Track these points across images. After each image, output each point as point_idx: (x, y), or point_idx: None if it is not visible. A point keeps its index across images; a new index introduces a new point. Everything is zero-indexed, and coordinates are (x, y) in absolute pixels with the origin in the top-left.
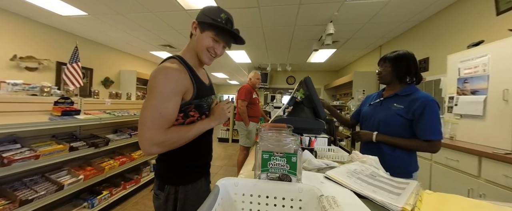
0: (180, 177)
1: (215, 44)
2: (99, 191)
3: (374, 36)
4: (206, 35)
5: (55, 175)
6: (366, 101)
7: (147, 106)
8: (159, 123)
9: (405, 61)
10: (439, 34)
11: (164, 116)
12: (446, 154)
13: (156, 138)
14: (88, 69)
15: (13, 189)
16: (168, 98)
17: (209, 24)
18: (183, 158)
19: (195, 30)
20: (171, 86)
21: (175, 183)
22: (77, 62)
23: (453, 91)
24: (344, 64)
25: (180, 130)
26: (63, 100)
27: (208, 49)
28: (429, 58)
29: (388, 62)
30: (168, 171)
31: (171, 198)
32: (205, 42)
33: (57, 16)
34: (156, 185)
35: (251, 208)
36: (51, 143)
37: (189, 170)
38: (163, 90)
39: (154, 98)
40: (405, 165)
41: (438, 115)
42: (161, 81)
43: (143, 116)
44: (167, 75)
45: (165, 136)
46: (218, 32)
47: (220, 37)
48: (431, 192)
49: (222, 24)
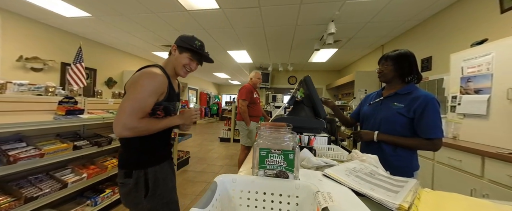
0: (148, 160)
1: (190, 62)
2: (102, 190)
3: (376, 36)
4: (184, 56)
5: (59, 173)
6: (366, 101)
7: (130, 97)
8: (136, 112)
9: (407, 60)
10: (442, 32)
11: (142, 108)
12: (448, 153)
13: (131, 124)
14: (92, 70)
15: (19, 187)
16: (149, 95)
17: (186, 48)
18: (150, 144)
19: (175, 51)
20: (154, 86)
21: (143, 166)
22: (81, 62)
23: (456, 90)
24: (346, 63)
25: (150, 121)
26: (67, 100)
27: (184, 65)
28: (432, 57)
29: (390, 61)
30: (138, 156)
31: (142, 180)
32: (183, 61)
33: (61, 18)
34: (121, 175)
35: (248, 204)
36: (56, 142)
37: (154, 154)
38: (147, 88)
39: (139, 92)
40: (407, 165)
41: (439, 113)
42: (147, 81)
43: (124, 104)
44: (153, 77)
45: (138, 123)
46: (193, 54)
47: (194, 58)
48: (430, 190)
49: (197, 49)
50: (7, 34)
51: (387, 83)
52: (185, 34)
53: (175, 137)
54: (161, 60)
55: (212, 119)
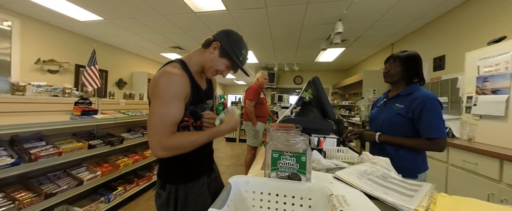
0: (180, 176)
1: (224, 70)
2: (114, 187)
3: (386, 34)
4: (222, 62)
5: (75, 170)
6: (375, 104)
7: (152, 112)
8: (162, 128)
9: (416, 62)
10: (456, 30)
11: (167, 121)
12: (463, 156)
13: (160, 143)
14: (104, 71)
15: (39, 183)
16: (171, 103)
17: (230, 56)
18: (182, 158)
19: (214, 50)
20: (173, 91)
21: (175, 182)
22: (95, 64)
23: (472, 90)
24: (354, 63)
25: (186, 137)
26: (83, 100)
27: (217, 70)
28: (445, 56)
29: (398, 62)
30: (168, 170)
31: (172, 196)
32: (219, 66)
33: (75, 22)
34: (158, 185)
35: (261, 206)
36: (72, 141)
37: (189, 169)
38: (166, 96)
39: (158, 104)
40: (410, 165)
41: (440, 112)
42: (163, 87)
43: (149, 122)
44: (169, 80)
45: (169, 141)
46: (233, 65)
47: (232, 68)
48: (446, 195)
49: (240, 62)
50: (26, 38)
51: (392, 84)
52: (231, 31)
53: None
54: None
55: None
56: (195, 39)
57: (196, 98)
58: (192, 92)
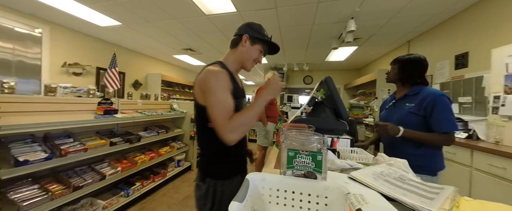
0: (219, 172)
1: (260, 56)
2: (133, 182)
3: (402, 31)
4: (256, 48)
5: (99, 166)
6: (383, 106)
7: (212, 105)
8: (224, 115)
9: (412, 66)
10: (482, 25)
11: (226, 108)
12: (489, 160)
13: (227, 128)
14: (121, 73)
15: (68, 177)
16: (224, 93)
17: (259, 39)
18: (219, 154)
19: (245, 42)
20: (222, 84)
21: (214, 177)
22: (115, 67)
23: (499, 89)
24: (367, 62)
25: (242, 113)
26: (105, 101)
27: (254, 60)
28: (468, 53)
29: (396, 64)
30: (209, 165)
31: (211, 190)
32: (254, 54)
33: (97, 27)
34: (198, 176)
35: (277, 202)
36: (96, 138)
37: (225, 166)
38: (217, 88)
39: (214, 97)
40: (428, 164)
41: (450, 107)
42: (214, 82)
43: (212, 115)
44: (216, 76)
45: (232, 123)
46: (264, 46)
47: (264, 49)
48: (470, 199)
49: (269, 39)
50: (54, 43)
51: (394, 83)
52: (250, 22)
53: (194, 136)
54: (182, 63)
55: None
56: (206, 41)
57: (238, 93)
58: (234, 87)
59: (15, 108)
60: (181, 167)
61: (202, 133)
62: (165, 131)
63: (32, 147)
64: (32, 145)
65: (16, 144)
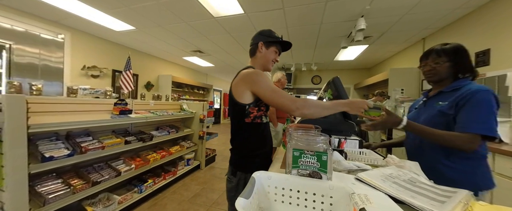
0: (248, 165)
1: (276, 55)
2: (145, 179)
3: (416, 28)
4: (271, 50)
5: (115, 163)
6: (412, 106)
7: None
8: (286, 96)
9: (466, 54)
10: (504, 20)
11: (283, 92)
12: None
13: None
14: (135, 75)
15: (87, 172)
16: (273, 84)
17: (272, 41)
18: (249, 148)
19: (262, 48)
20: (268, 78)
21: (245, 170)
22: (129, 69)
23: None
24: (378, 61)
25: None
26: (120, 101)
27: (272, 60)
28: (490, 50)
29: (445, 56)
30: (239, 159)
31: (241, 183)
32: (271, 56)
33: (112, 32)
34: (229, 171)
35: (282, 200)
36: (112, 137)
37: (255, 160)
38: (267, 80)
39: (268, 87)
40: (467, 179)
41: (491, 106)
42: (261, 77)
43: (273, 100)
44: (261, 73)
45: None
46: (277, 46)
47: (278, 49)
48: (485, 204)
49: (281, 38)
50: (75, 48)
51: (439, 82)
52: (260, 30)
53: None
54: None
55: None
56: (214, 43)
57: None
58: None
59: (42, 108)
60: (190, 166)
61: (238, 130)
62: (176, 130)
63: (56, 144)
64: (56, 142)
65: (43, 142)
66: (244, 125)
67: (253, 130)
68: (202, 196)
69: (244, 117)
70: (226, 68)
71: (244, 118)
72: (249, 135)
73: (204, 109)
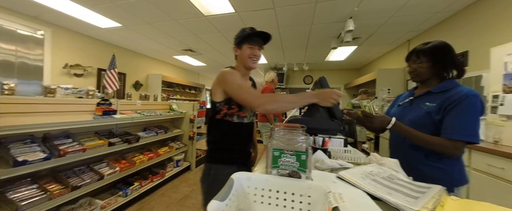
0: (214, 157)
1: (252, 50)
2: (131, 182)
3: (401, 30)
4: (245, 48)
5: (97, 166)
6: (396, 102)
7: (234, 91)
8: (250, 92)
9: (446, 52)
10: (481, 24)
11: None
12: (487, 160)
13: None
14: (122, 74)
15: (66, 177)
16: (240, 81)
17: (240, 40)
18: (217, 141)
19: (236, 51)
20: (238, 77)
21: (211, 161)
22: (114, 68)
23: (498, 89)
24: (367, 61)
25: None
26: (104, 101)
27: (249, 57)
28: (468, 52)
29: (423, 57)
30: (209, 151)
31: (206, 173)
32: (246, 52)
33: (97, 29)
34: (203, 171)
35: (262, 201)
36: (94, 139)
37: (220, 153)
38: (235, 79)
39: (234, 84)
40: (444, 177)
41: (476, 113)
42: (230, 76)
43: (238, 97)
44: (231, 72)
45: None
46: (248, 40)
47: (252, 43)
48: (457, 198)
49: (248, 32)
50: (56, 45)
51: (422, 82)
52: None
53: (193, 136)
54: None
55: None
56: (205, 42)
57: None
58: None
59: (15, 109)
60: (180, 167)
61: (211, 127)
62: (164, 131)
63: (31, 147)
64: (31, 145)
65: (16, 145)
66: (215, 122)
67: (224, 126)
68: (191, 197)
69: (215, 114)
70: (219, 67)
71: (215, 114)
72: (221, 132)
73: (195, 109)
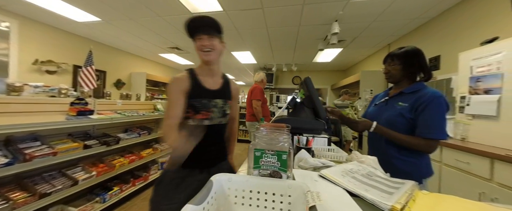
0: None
1: (199, 41)
2: (110, 187)
3: (382, 35)
4: (196, 42)
5: (71, 171)
6: (373, 101)
7: (166, 107)
8: (165, 116)
9: (416, 57)
10: (451, 31)
11: (168, 111)
12: (456, 155)
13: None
14: (102, 72)
15: (34, 183)
16: (171, 98)
17: (188, 33)
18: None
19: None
20: (173, 90)
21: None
22: (91, 65)
23: (465, 90)
24: (351, 63)
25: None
26: (78, 101)
27: (199, 49)
28: (440, 56)
29: (396, 60)
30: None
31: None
32: (196, 46)
33: (73, 23)
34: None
35: (243, 203)
36: (67, 141)
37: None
38: (168, 95)
39: (168, 98)
40: (414, 170)
41: (443, 112)
42: (169, 89)
43: (165, 113)
44: (170, 84)
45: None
46: (191, 30)
47: (197, 34)
48: (427, 193)
49: (187, 24)
50: (24, 39)
51: (395, 83)
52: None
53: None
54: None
55: None
56: None
57: (196, 94)
58: (191, 89)
59: None
60: None
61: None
62: (148, 132)
63: None
64: None
65: None
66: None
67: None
68: None
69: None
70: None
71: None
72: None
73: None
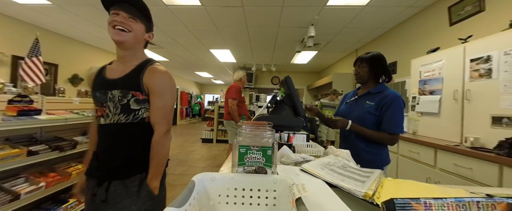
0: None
1: (111, 16)
2: (64, 199)
3: (351, 40)
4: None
5: (10, 183)
6: (344, 100)
7: None
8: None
9: (380, 61)
10: (405, 40)
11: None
12: (409, 147)
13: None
14: (53, 65)
15: None
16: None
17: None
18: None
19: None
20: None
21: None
22: (37, 56)
23: (416, 91)
24: (325, 65)
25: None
26: (20, 98)
27: (110, 24)
28: (397, 62)
29: (365, 63)
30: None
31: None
32: (108, 20)
33: (14, 4)
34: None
35: (227, 201)
36: (4, 147)
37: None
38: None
39: None
40: (377, 159)
41: (402, 110)
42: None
43: None
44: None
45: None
46: (105, 4)
47: (112, 6)
48: (391, 179)
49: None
50: None
51: (363, 84)
52: None
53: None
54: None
55: (194, 119)
56: (167, 34)
57: (94, 86)
58: (93, 81)
59: None
60: None
61: None
62: None
63: None
64: None
65: None
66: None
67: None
68: None
69: None
70: (183, 64)
71: None
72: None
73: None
